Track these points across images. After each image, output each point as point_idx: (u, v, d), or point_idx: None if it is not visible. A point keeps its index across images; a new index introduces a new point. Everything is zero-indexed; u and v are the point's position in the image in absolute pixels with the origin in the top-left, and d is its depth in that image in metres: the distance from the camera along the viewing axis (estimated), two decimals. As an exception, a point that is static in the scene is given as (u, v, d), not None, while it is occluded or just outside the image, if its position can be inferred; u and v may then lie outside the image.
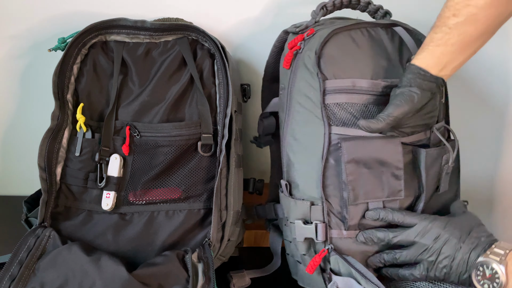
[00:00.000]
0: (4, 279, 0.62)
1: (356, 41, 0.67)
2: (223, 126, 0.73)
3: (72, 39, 0.73)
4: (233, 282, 0.75)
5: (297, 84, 0.68)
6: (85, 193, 0.74)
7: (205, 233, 0.73)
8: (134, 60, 0.76)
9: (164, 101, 0.75)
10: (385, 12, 0.75)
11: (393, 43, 0.69)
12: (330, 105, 0.65)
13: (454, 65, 0.63)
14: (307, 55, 0.66)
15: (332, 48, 0.66)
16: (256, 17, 0.87)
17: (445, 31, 0.61)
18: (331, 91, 0.65)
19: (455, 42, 0.61)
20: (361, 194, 0.64)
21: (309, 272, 0.65)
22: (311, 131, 0.66)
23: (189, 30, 0.76)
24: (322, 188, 0.65)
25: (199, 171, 0.74)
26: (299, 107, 0.67)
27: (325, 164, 0.65)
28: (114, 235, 0.72)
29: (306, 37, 0.68)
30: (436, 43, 0.61)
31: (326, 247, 0.65)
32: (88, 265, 0.63)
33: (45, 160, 0.71)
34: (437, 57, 0.62)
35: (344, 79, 0.65)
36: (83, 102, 0.75)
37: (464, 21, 0.59)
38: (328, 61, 0.66)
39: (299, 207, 0.66)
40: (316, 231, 0.65)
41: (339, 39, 0.67)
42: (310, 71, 0.66)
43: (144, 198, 0.74)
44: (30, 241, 0.67)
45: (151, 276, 0.63)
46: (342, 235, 0.65)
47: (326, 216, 0.65)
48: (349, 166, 0.64)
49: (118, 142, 0.74)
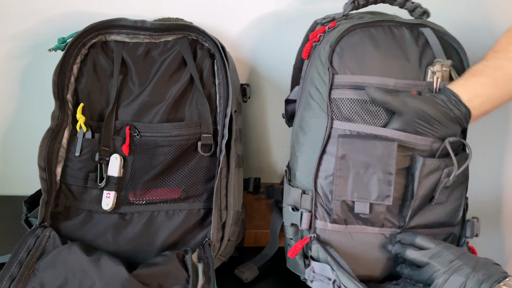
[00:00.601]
0: (4, 279, 0.62)
1: (374, 39, 0.67)
2: (223, 126, 0.73)
3: (72, 39, 0.74)
4: (245, 276, 0.76)
5: (310, 76, 0.69)
6: (85, 193, 0.74)
7: (205, 233, 0.73)
8: (134, 60, 0.76)
9: (164, 101, 0.75)
10: (423, 11, 0.73)
11: (416, 44, 0.68)
12: (336, 99, 0.66)
13: (483, 98, 0.62)
14: (323, 48, 0.67)
15: (347, 43, 0.66)
16: (256, 17, 0.87)
17: (483, 64, 0.62)
18: (339, 86, 0.66)
19: (489, 74, 0.61)
20: (348, 192, 0.65)
21: (290, 256, 0.67)
22: (316, 124, 0.67)
23: (189, 30, 0.76)
24: (314, 179, 0.66)
25: (199, 171, 0.74)
26: (309, 99, 0.69)
27: (321, 156, 0.66)
28: (114, 235, 0.72)
29: (327, 30, 0.69)
30: (473, 72, 0.63)
31: (310, 235, 0.67)
32: (88, 265, 0.63)
33: (45, 160, 0.71)
34: (470, 84, 0.62)
35: (354, 75, 0.66)
36: (83, 102, 0.75)
37: (503, 56, 0.61)
38: (341, 56, 0.66)
39: (292, 193, 0.69)
40: (301, 219, 0.67)
41: (357, 35, 0.67)
42: (323, 64, 0.67)
43: (144, 198, 0.74)
44: (30, 241, 0.67)
45: (151, 276, 0.63)
46: (326, 227, 0.67)
47: (313, 206, 0.67)
48: (341, 162, 0.65)
49: (118, 142, 0.74)
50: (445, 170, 0.65)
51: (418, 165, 0.65)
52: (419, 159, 0.64)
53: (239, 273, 0.77)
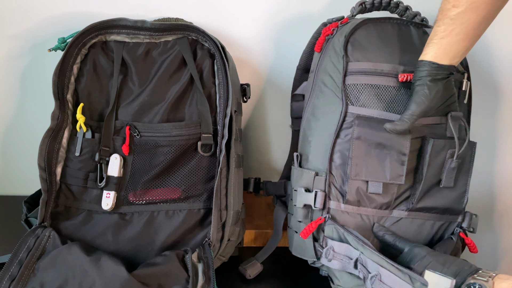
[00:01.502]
0: (4, 279, 0.62)
1: (385, 32, 0.71)
2: (223, 126, 0.73)
3: (72, 39, 0.74)
4: (248, 273, 0.76)
5: (324, 65, 0.72)
6: (85, 193, 0.74)
7: (205, 233, 0.73)
8: (134, 60, 0.76)
9: (164, 101, 0.75)
10: (422, 19, 0.78)
11: (422, 40, 0.72)
12: (350, 85, 0.69)
13: (461, 52, 0.64)
14: (337, 39, 0.71)
15: (360, 34, 0.70)
16: (257, 17, 0.87)
17: (447, 23, 0.62)
18: (353, 73, 0.69)
19: (459, 32, 0.62)
20: (363, 171, 0.67)
21: (303, 237, 0.68)
22: (330, 109, 0.70)
23: (189, 30, 0.76)
24: (329, 161, 0.68)
25: (199, 171, 0.74)
26: (323, 86, 0.72)
27: (336, 139, 0.69)
28: (114, 235, 0.72)
29: (339, 24, 0.73)
30: (441, 35, 0.63)
31: (324, 215, 0.68)
32: (88, 265, 0.63)
33: (45, 160, 0.71)
34: (444, 49, 0.63)
35: (367, 62, 0.69)
36: (83, 102, 0.75)
37: (465, 10, 0.61)
38: (355, 46, 0.70)
39: (304, 176, 0.70)
40: (315, 199, 0.68)
41: (369, 28, 0.71)
42: (337, 53, 0.70)
43: (144, 198, 0.74)
44: (30, 241, 0.67)
45: (151, 276, 0.63)
46: (340, 208, 0.68)
47: (327, 187, 0.68)
48: (357, 143, 0.67)
49: (118, 142, 0.74)
50: (449, 150, 0.69)
51: (429, 146, 0.68)
52: (430, 140, 0.68)
53: (242, 270, 0.77)
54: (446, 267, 0.60)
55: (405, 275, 0.58)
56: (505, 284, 0.54)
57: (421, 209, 0.71)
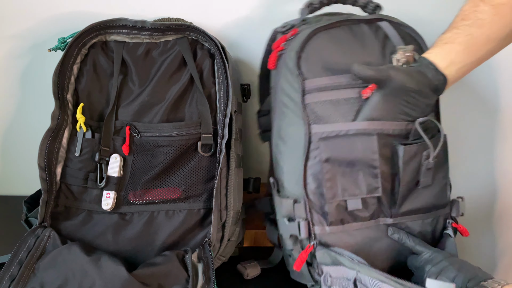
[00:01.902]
0: (4, 279, 0.62)
1: (336, 39, 0.68)
2: (223, 126, 0.73)
3: (72, 39, 0.74)
4: (247, 272, 0.76)
5: (281, 85, 0.70)
6: (85, 193, 0.74)
7: (205, 233, 0.73)
8: (134, 60, 0.76)
9: (164, 101, 0.75)
10: (376, 5, 0.75)
11: (376, 38, 0.69)
12: (310, 104, 0.66)
13: (459, 65, 0.64)
14: (289, 56, 0.68)
15: (311, 48, 0.67)
16: (257, 17, 0.87)
17: (453, 32, 0.64)
18: (311, 90, 0.67)
19: (461, 41, 0.63)
20: (339, 192, 0.66)
21: (297, 268, 0.67)
22: (294, 131, 0.68)
23: (189, 30, 0.76)
24: (304, 186, 0.66)
25: (199, 171, 0.74)
26: (283, 107, 0.69)
27: (306, 162, 0.66)
28: (114, 235, 0.72)
29: (288, 38, 0.70)
30: (445, 41, 0.64)
31: (312, 242, 0.66)
32: (88, 265, 0.63)
33: (45, 160, 0.71)
34: (445, 52, 0.64)
35: (323, 77, 0.66)
36: (83, 102, 0.75)
37: (471, 23, 0.62)
38: (308, 61, 0.67)
39: (284, 205, 0.69)
40: (299, 228, 0.67)
41: (319, 38, 0.68)
42: (291, 72, 0.67)
43: (144, 198, 0.74)
44: (30, 241, 0.67)
45: (151, 276, 0.63)
46: (325, 231, 0.67)
47: (308, 213, 0.66)
48: (326, 165, 0.65)
49: (118, 142, 0.74)
50: (424, 152, 0.67)
51: (400, 153, 0.66)
52: (400, 147, 0.66)
53: (241, 268, 0.77)
54: (461, 272, 0.60)
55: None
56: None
57: (405, 213, 0.69)
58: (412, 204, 0.69)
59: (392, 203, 0.69)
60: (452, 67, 0.63)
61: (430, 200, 0.70)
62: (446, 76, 0.63)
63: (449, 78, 0.64)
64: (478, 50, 0.64)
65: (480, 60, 0.65)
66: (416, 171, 0.68)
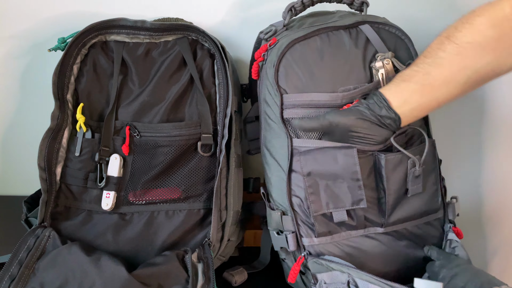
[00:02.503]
0: (4, 279, 0.62)
1: (314, 51, 0.66)
2: (223, 126, 0.73)
3: (72, 39, 0.74)
4: (235, 279, 0.76)
5: (263, 96, 0.70)
6: (85, 193, 0.74)
7: (205, 233, 0.73)
8: (134, 60, 0.76)
9: (164, 101, 0.75)
10: (362, 1, 0.73)
11: (356, 45, 0.68)
12: (289, 119, 0.66)
13: (413, 105, 0.62)
14: (268, 68, 0.67)
15: (288, 61, 0.66)
16: (257, 17, 0.87)
17: (413, 69, 0.62)
18: (289, 106, 0.66)
19: (418, 80, 0.61)
20: (323, 205, 0.65)
21: (291, 281, 0.67)
22: (278, 144, 0.68)
23: (189, 30, 0.76)
24: (289, 199, 0.66)
25: (199, 171, 0.74)
26: (267, 119, 0.69)
27: (289, 175, 0.66)
28: (114, 235, 0.72)
29: (268, 48, 0.69)
30: (403, 78, 0.62)
31: (302, 254, 0.66)
32: (88, 265, 0.63)
33: (45, 160, 0.71)
34: (400, 90, 0.62)
35: (302, 93, 0.66)
36: (83, 102, 0.75)
37: (431, 62, 0.60)
38: (286, 75, 0.66)
39: (273, 217, 0.69)
40: (287, 241, 0.66)
41: (296, 51, 0.66)
42: (272, 84, 0.67)
43: (144, 198, 0.74)
44: (30, 241, 0.67)
45: (151, 276, 0.63)
46: (313, 242, 0.66)
47: (296, 226, 0.66)
48: (308, 179, 0.65)
49: (118, 142, 0.74)
50: (409, 161, 0.66)
51: (382, 162, 0.65)
52: (381, 156, 0.65)
53: (229, 276, 0.76)
54: (475, 277, 0.59)
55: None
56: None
57: (395, 221, 0.68)
58: (402, 212, 0.68)
59: (381, 213, 0.68)
60: (405, 107, 0.62)
61: (421, 208, 0.69)
62: (399, 115, 0.62)
63: (402, 118, 0.62)
64: (434, 91, 0.61)
65: (438, 102, 0.62)
66: (403, 180, 0.66)
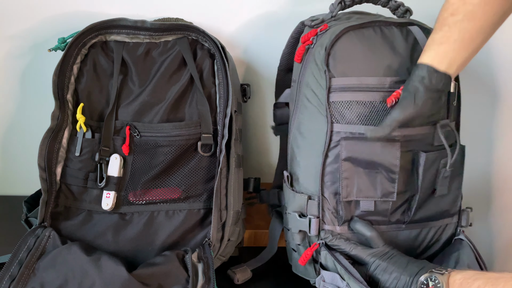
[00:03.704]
0: (4, 279, 0.62)
1: (367, 40, 0.67)
2: (223, 126, 0.73)
3: (72, 39, 0.74)
4: (237, 278, 0.75)
5: (306, 79, 0.69)
6: (85, 193, 0.74)
7: (205, 233, 0.73)
8: (134, 60, 0.76)
9: (164, 101, 0.75)
10: (406, 9, 0.74)
11: (406, 42, 0.69)
12: (335, 102, 0.66)
13: (458, 62, 0.64)
14: (318, 51, 0.67)
15: (342, 46, 0.66)
16: (257, 17, 0.87)
17: (445, 30, 0.62)
18: (337, 89, 0.66)
19: (456, 39, 0.62)
20: (353, 192, 0.66)
21: (301, 263, 0.67)
22: (315, 127, 0.67)
23: (189, 30, 0.76)
24: (321, 184, 0.67)
25: (199, 171, 0.74)
26: (306, 102, 0.69)
27: (325, 160, 0.67)
28: (114, 235, 0.72)
29: (319, 32, 0.69)
30: (439, 41, 0.63)
31: (319, 241, 0.67)
32: (88, 265, 0.63)
33: (45, 160, 0.71)
34: (442, 54, 0.63)
35: (351, 77, 0.66)
36: (83, 102, 0.75)
37: (463, 18, 0.61)
38: (337, 59, 0.66)
39: (297, 199, 0.69)
40: (310, 225, 0.67)
41: (350, 37, 0.67)
42: (319, 68, 0.67)
43: (144, 198, 0.74)
44: (30, 241, 0.67)
45: (151, 276, 0.63)
46: (336, 230, 0.67)
47: (321, 211, 0.67)
48: (345, 164, 0.66)
49: (118, 142, 0.74)
50: (441, 161, 0.67)
51: (421, 160, 0.66)
52: (422, 155, 0.66)
53: (231, 274, 0.76)
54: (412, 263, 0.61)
55: None
56: (459, 275, 0.55)
57: (418, 220, 0.69)
58: (426, 211, 0.69)
59: (406, 210, 0.69)
60: (453, 66, 0.63)
61: (443, 208, 0.70)
62: (449, 75, 0.63)
63: (452, 76, 0.64)
64: (473, 43, 0.63)
65: (476, 51, 0.65)
66: (433, 178, 0.68)
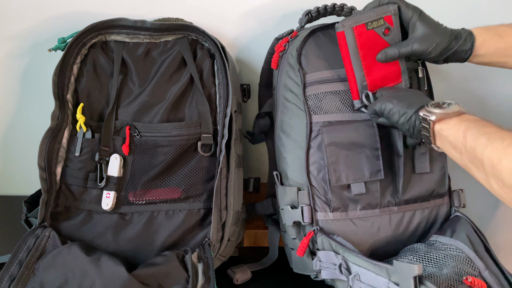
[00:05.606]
0: (4, 279, 0.62)
1: (333, 37, 0.70)
2: (223, 126, 0.73)
3: (72, 39, 0.74)
4: (236, 277, 0.76)
5: (283, 81, 0.74)
6: (85, 193, 0.74)
7: (205, 233, 0.73)
8: (134, 60, 0.76)
9: (164, 101, 0.75)
10: None
11: None
12: (311, 96, 0.71)
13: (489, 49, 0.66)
14: (290, 54, 0.73)
15: (311, 45, 0.72)
16: (257, 17, 0.87)
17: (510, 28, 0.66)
18: (312, 83, 0.71)
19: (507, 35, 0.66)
20: (342, 175, 0.68)
21: (299, 255, 0.69)
22: (296, 123, 0.71)
23: (189, 30, 0.76)
24: (307, 173, 0.69)
25: (199, 171, 0.74)
26: (286, 102, 0.73)
27: (308, 151, 0.70)
28: (114, 235, 0.72)
29: (290, 39, 0.75)
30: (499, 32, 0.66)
31: (313, 228, 0.68)
32: (88, 265, 0.63)
33: (45, 160, 0.71)
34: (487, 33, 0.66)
35: (323, 70, 0.71)
36: (83, 102, 0.75)
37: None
38: (308, 57, 0.71)
39: (287, 193, 0.71)
40: (302, 214, 0.69)
41: (318, 37, 0.72)
42: (293, 67, 0.72)
43: (144, 198, 0.74)
44: (30, 241, 0.67)
45: (151, 276, 0.63)
46: (328, 217, 0.69)
47: (311, 200, 0.69)
48: (329, 149, 0.68)
49: (118, 142, 0.74)
50: None
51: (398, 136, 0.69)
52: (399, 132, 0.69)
53: (231, 274, 0.77)
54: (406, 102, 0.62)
55: (382, 269, 0.59)
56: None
57: (408, 200, 0.71)
58: (414, 190, 0.71)
59: (394, 190, 0.71)
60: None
61: (431, 186, 0.72)
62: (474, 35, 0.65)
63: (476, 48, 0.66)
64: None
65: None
66: (411, 156, 0.71)
